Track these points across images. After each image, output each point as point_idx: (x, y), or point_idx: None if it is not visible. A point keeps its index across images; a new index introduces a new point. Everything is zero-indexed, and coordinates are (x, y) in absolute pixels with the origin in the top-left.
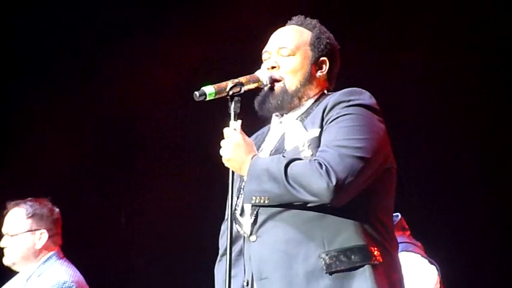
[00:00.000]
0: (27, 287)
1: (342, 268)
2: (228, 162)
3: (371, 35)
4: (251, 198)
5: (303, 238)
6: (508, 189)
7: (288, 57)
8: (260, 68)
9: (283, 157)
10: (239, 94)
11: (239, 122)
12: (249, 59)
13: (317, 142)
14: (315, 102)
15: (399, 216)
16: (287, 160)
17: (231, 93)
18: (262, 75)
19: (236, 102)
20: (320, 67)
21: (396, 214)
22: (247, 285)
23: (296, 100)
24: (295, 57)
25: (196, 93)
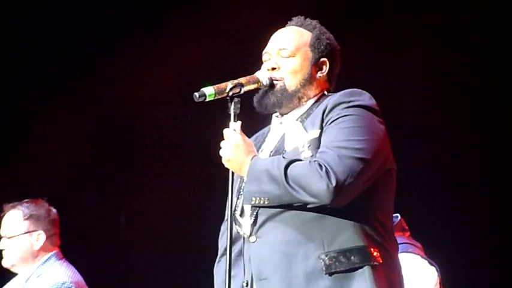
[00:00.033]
0: None
1: (342, 269)
2: (228, 163)
3: (371, 35)
4: (251, 199)
5: (303, 239)
6: (508, 189)
7: (288, 58)
8: (260, 69)
9: (283, 158)
10: (239, 95)
11: (239, 123)
12: (249, 59)
13: (317, 143)
14: (315, 103)
15: (399, 217)
16: (287, 161)
17: (231, 94)
18: (262, 76)
19: (236, 103)
20: (320, 68)
21: (396, 215)
22: (246, 285)
23: (296, 100)
24: (295, 58)
25: (195, 94)
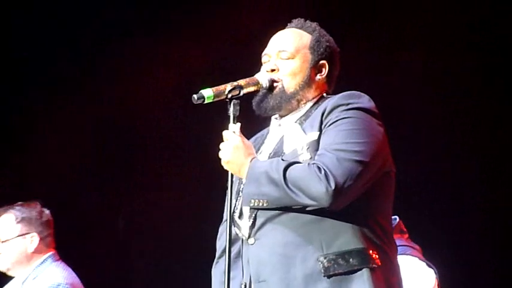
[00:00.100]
0: None
1: (340, 271)
2: (227, 164)
3: (371, 35)
4: (250, 201)
5: (302, 241)
6: (508, 191)
7: (288, 60)
8: (260, 71)
9: (282, 160)
10: (238, 97)
11: (238, 125)
12: (249, 60)
13: (316, 145)
14: (314, 105)
15: (397, 219)
16: (286, 163)
17: (230, 96)
18: (261, 78)
19: (235, 105)
20: (319, 70)
21: (394, 217)
22: (245, 287)
23: (294, 102)
24: (294, 60)
25: (194, 96)
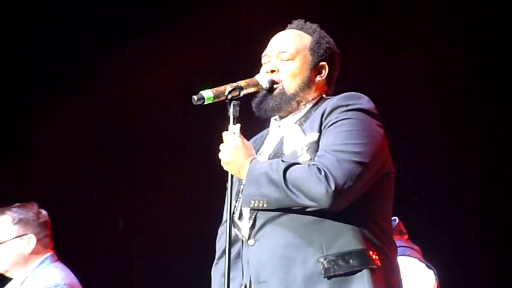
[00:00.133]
0: None
1: (340, 272)
2: (227, 165)
3: (371, 35)
4: (250, 202)
5: (302, 242)
6: (508, 191)
7: (288, 61)
8: (259, 71)
9: (282, 161)
10: (238, 98)
11: (238, 126)
12: (249, 60)
13: (315, 146)
14: (314, 106)
15: (397, 220)
16: (286, 164)
17: (230, 97)
18: (261, 79)
19: (235, 106)
20: (319, 72)
21: (394, 218)
22: None
23: (294, 104)
24: (294, 61)
25: (194, 97)
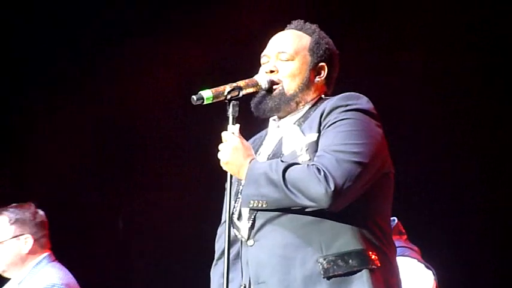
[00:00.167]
0: None
1: (340, 273)
2: (226, 165)
3: (371, 35)
4: (249, 202)
5: (301, 242)
6: (508, 191)
7: (287, 61)
8: (258, 72)
9: (281, 161)
10: (237, 98)
11: (237, 126)
12: (249, 60)
13: (315, 147)
14: (312, 106)
15: (395, 220)
16: (285, 164)
17: (229, 97)
18: (261, 79)
19: (234, 106)
20: (318, 72)
21: (393, 218)
22: None
23: (293, 104)
24: (294, 62)
25: (193, 97)
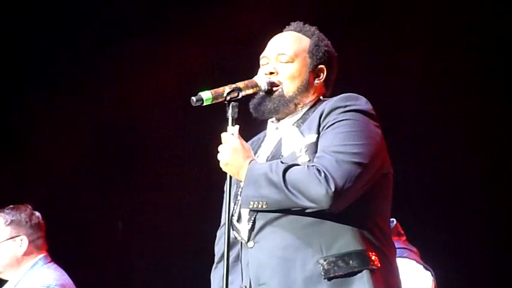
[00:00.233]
0: None
1: (340, 273)
2: (226, 166)
3: (371, 35)
4: (249, 203)
5: (301, 244)
6: (508, 191)
7: (287, 63)
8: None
9: (281, 163)
10: (237, 99)
11: (237, 127)
12: (249, 60)
13: (314, 148)
14: (311, 108)
15: (394, 221)
16: (285, 166)
17: (229, 98)
18: (260, 80)
19: (234, 107)
20: (318, 75)
21: (392, 219)
22: None
23: (292, 106)
24: (293, 64)
25: (193, 98)
